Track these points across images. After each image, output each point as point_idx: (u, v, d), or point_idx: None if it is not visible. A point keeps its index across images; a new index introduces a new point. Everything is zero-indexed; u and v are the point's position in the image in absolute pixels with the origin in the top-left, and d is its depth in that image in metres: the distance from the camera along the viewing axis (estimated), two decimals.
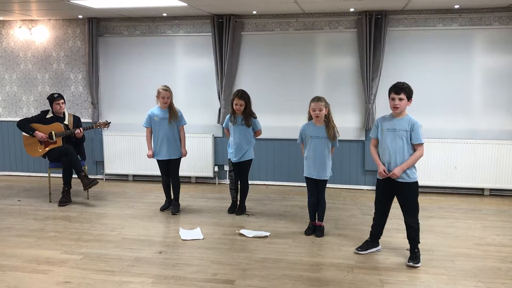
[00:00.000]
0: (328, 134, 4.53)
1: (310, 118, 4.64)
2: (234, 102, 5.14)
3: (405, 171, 3.87)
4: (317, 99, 4.52)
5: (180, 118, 5.41)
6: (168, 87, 5.30)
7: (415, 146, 3.89)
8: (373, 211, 4.23)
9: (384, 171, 3.92)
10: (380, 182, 4.06)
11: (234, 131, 5.25)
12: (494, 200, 6.08)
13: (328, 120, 4.55)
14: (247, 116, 5.18)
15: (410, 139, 3.87)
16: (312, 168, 4.62)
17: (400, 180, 3.89)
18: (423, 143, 3.89)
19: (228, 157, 5.37)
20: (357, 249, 4.21)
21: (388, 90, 3.94)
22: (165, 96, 5.25)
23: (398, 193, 3.98)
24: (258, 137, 5.40)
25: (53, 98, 5.88)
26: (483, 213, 5.46)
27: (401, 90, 3.83)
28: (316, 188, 4.67)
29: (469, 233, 4.73)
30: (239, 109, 5.14)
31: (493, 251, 4.25)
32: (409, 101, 3.88)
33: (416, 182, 3.94)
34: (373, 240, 4.23)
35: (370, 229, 4.26)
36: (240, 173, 5.36)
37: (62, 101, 5.92)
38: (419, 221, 3.98)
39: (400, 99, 3.84)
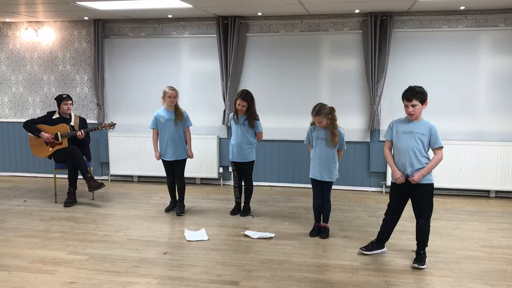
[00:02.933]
0: (330, 138, 4.50)
1: (313, 123, 4.63)
2: (237, 103, 5.14)
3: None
4: (315, 113, 4.45)
5: (186, 119, 5.42)
6: (174, 87, 5.32)
7: (435, 151, 3.85)
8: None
9: (401, 177, 3.86)
10: (395, 185, 4.01)
11: (235, 130, 5.26)
12: (500, 202, 6.05)
13: (331, 126, 4.49)
14: (250, 117, 5.18)
15: (429, 143, 3.84)
16: (316, 169, 4.61)
17: (420, 182, 3.84)
18: (443, 146, 3.86)
19: (230, 157, 5.38)
20: (361, 248, 4.20)
21: (401, 96, 3.87)
22: (172, 96, 5.26)
23: (414, 195, 3.93)
24: (261, 139, 5.40)
25: (61, 99, 5.90)
26: (488, 215, 5.44)
27: (413, 96, 3.77)
28: (321, 190, 4.65)
29: (474, 235, 4.72)
30: (241, 110, 5.15)
31: (499, 253, 4.23)
32: (423, 104, 3.82)
33: (432, 184, 3.90)
34: (379, 242, 4.21)
35: (379, 230, 4.23)
36: (243, 175, 5.36)
37: (71, 102, 5.95)
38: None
39: (413, 106, 3.78)
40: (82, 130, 5.82)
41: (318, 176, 4.61)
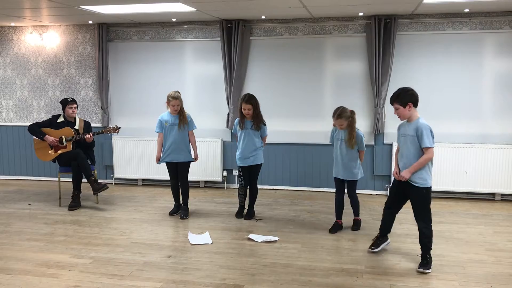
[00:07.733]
0: (347, 139, 4.70)
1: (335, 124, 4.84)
2: (242, 107, 5.14)
3: (417, 175, 3.86)
4: (337, 116, 4.67)
5: (190, 123, 5.42)
6: (178, 95, 5.27)
7: (423, 150, 3.86)
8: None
9: (396, 173, 4.02)
10: (395, 181, 4.12)
11: (242, 136, 5.25)
12: (505, 205, 6.01)
13: (349, 128, 4.71)
14: (256, 120, 5.17)
15: (420, 144, 3.86)
16: (337, 169, 4.86)
17: (412, 183, 3.89)
18: (430, 147, 3.81)
19: (237, 163, 5.37)
20: (370, 247, 4.28)
21: None
22: (175, 104, 5.26)
23: (410, 196, 4.00)
24: (266, 142, 5.41)
25: (66, 102, 5.92)
26: (494, 219, 5.40)
27: (393, 101, 3.92)
28: (343, 186, 4.90)
29: (480, 239, 4.68)
30: (248, 113, 5.14)
31: (505, 256, 4.19)
32: (406, 107, 3.85)
33: (428, 188, 3.91)
34: (382, 234, 4.29)
35: (380, 224, 4.31)
36: (250, 178, 5.35)
37: (75, 105, 5.97)
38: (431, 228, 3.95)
39: (396, 109, 3.91)
40: (90, 133, 5.84)
41: (339, 175, 4.87)
